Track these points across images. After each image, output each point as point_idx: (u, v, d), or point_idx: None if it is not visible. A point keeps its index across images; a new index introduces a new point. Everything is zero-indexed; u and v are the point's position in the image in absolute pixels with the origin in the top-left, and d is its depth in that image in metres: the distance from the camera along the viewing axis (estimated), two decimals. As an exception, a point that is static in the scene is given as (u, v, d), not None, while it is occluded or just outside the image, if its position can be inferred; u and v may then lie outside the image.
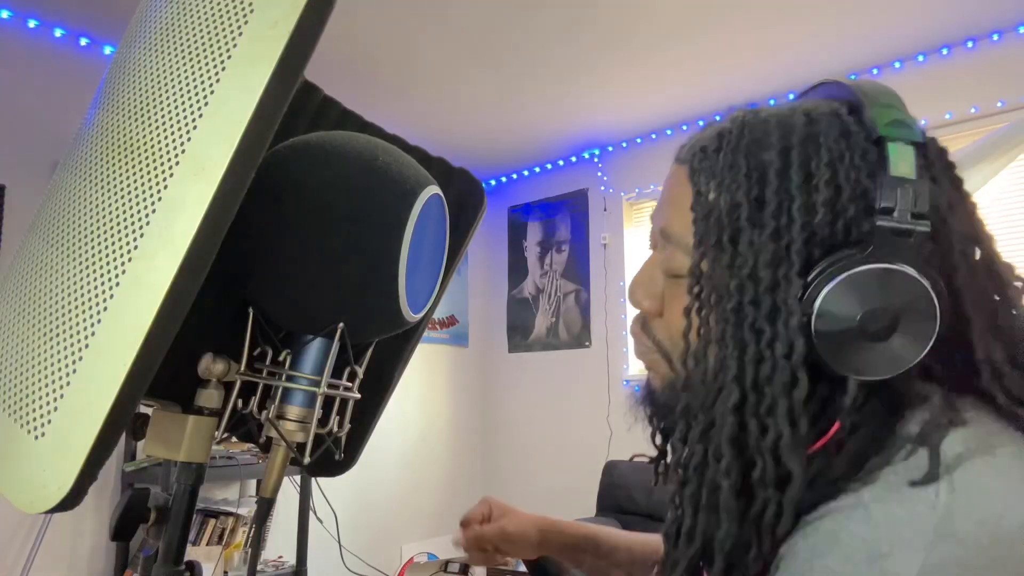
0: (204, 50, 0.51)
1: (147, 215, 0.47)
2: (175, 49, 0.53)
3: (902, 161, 0.44)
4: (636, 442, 0.64)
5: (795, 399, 0.43)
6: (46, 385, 0.47)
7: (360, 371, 0.74)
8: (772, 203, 0.45)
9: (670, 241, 0.53)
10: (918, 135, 0.45)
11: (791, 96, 0.56)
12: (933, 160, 0.47)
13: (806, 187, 0.45)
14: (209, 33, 0.51)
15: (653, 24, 2.69)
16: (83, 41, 2.76)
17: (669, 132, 3.68)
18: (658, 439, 0.59)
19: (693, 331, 0.48)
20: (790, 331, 0.43)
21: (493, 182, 4.50)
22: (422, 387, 4.06)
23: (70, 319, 0.48)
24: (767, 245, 0.45)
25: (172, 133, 0.49)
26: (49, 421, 0.46)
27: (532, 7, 2.57)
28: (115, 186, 0.51)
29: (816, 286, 0.44)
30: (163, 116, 0.50)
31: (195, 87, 0.50)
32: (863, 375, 0.43)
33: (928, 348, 0.43)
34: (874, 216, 0.43)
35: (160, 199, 0.47)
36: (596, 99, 3.35)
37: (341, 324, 0.66)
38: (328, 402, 0.72)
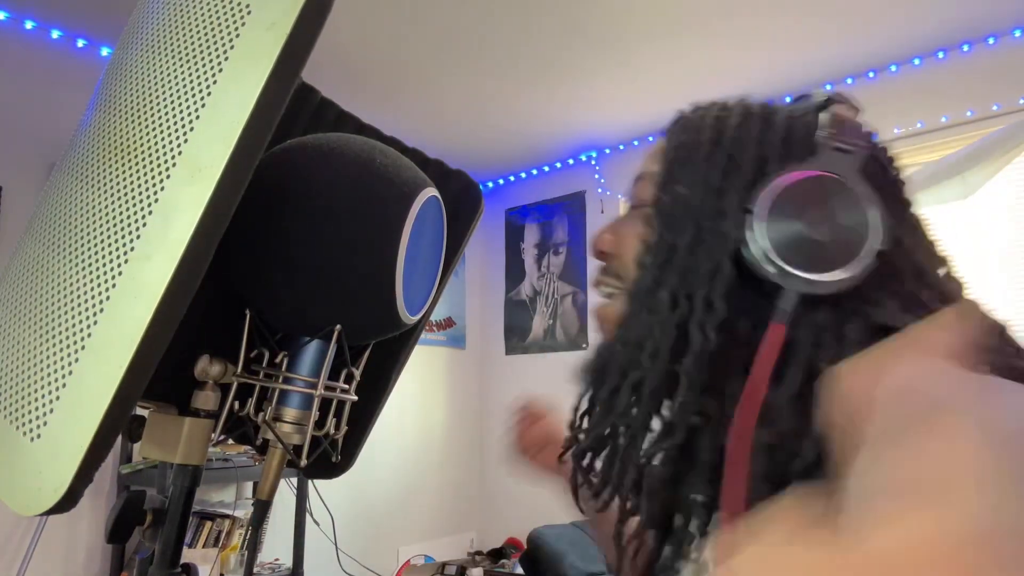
0: (201, 51, 0.51)
1: (144, 217, 0.47)
2: (172, 50, 0.53)
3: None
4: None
5: (716, 286, 0.46)
6: (42, 387, 0.47)
7: (357, 373, 0.74)
8: (729, 136, 0.50)
9: (640, 180, 0.55)
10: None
11: (787, 99, 0.56)
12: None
13: (760, 127, 0.49)
14: (206, 34, 0.51)
15: (650, 27, 2.69)
16: (80, 43, 2.76)
17: (666, 134, 3.69)
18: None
19: (639, 250, 0.51)
20: (726, 226, 0.46)
21: (490, 184, 4.51)
22: (419, 389, 4.06)
23: (66, 321, 0.48)
24: (719, 162, 0.49)
25: (169, 134, 0.49)
26: (45, 423, 0.46)
27: (529, 10, 2.57)
28: (112, 188, 0.50)
29: (757, 190, 0.46)
30: (160, 117, 0.50)
31: (192, 88, 0.50)
32: (804, 272, 0.43)
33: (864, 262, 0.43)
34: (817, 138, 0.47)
35: (157, 201, 0.47)
36: (593, 101, 3.35)
37: (338, 326, 0.66)
38: (325, 404, 0.72)
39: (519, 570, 3.20)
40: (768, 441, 0.42)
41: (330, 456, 0.77)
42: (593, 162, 4.01)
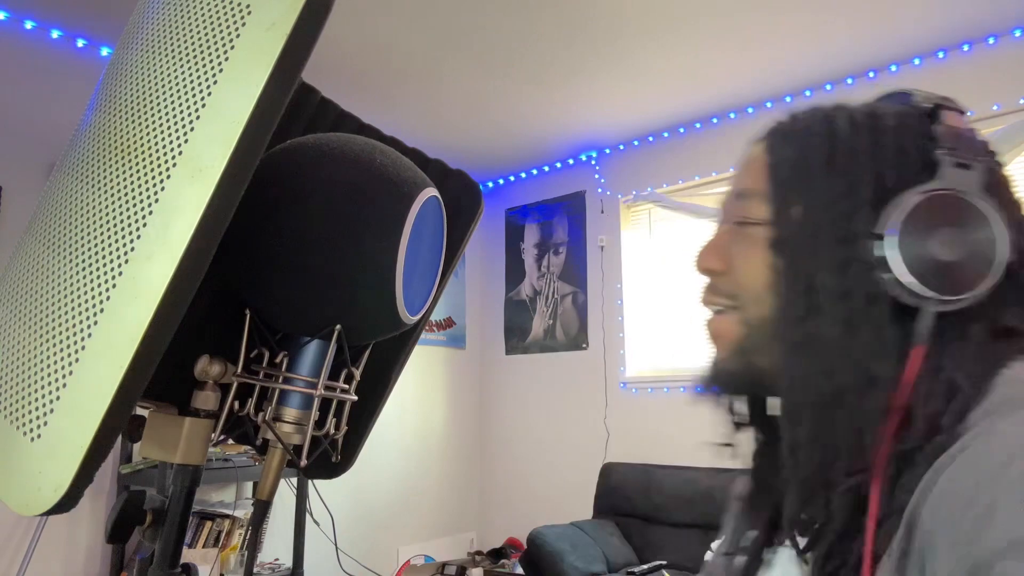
0: (201, 51, 0.51)
1: (144, 217, 0.47)
2: (172, 50, 0.53)
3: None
4: (633, 444, 0.64)
5: (873, 314, 0.46)
6: (42, 387, 0.47)
7: (357, 373, 0.74)
8: (842, 151, 0.49)
9: (745, 197, 0.55)
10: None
11: (788, 99, 0.56)
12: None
13: (872, 139, 0.49)
14: (206, 34, 0.51)
15: (650, 27, 2.69)
16: (80, 43, 2.76)
17: (666, 135, 3.69)
18: (735, 409, 0.59)
19: (768, 270, 0.51)
20: (861, 251, 0.46)
21: (490, 184, 4.51)
22: (419, 389, 4.06)
23: (67, 321, 0.48)
24: (838, 181, 0.48)
25: (169, 134, 0.49)
26: (45, 423, 0.46)
27: (530, 10, 2.57)
28: (112, 188, 0.50)
29: (886, 213, 0.46)
30: (160, 117, 0.50)
31: (192, 88, 0.50)
32: (940, 295, 0.44)
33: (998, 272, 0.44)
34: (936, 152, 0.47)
35: (157, 201, 0.47)
36: (593, 102, 3.35)
37: (338, 326, 0.66)
38: (325, 404, 0.72)
39: (519, 570, 3.20)
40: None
41: (330, 456, 0.77)
42: (593, 162, 4.01)
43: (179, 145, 0.48)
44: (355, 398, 0.75)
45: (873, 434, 0.44)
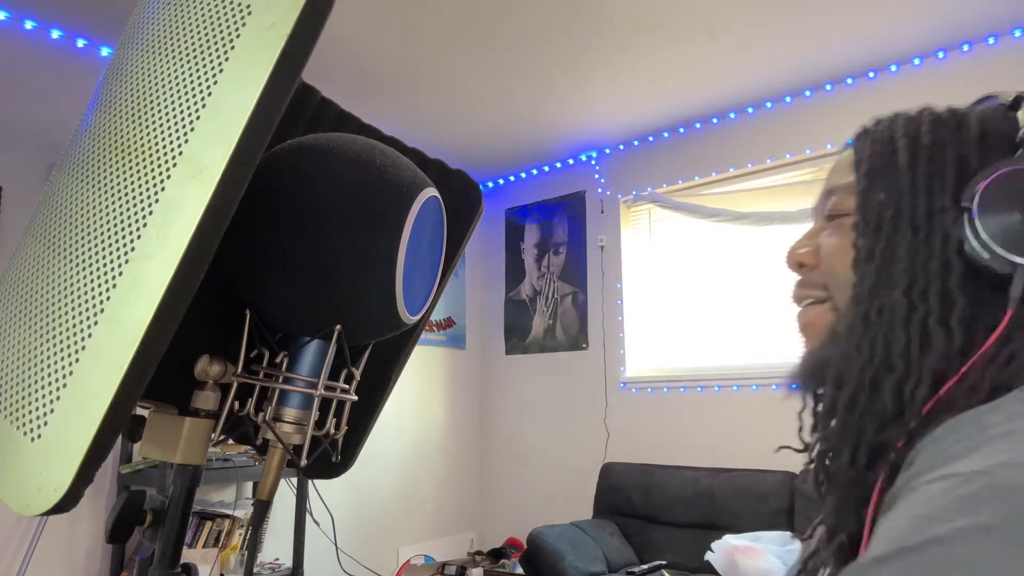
0: (201, 51, 0.51)
1: (144, 217, 0.47)
2: (172, 50, 0.53)
3: None
4: (633, 444, 0.64)
5: (948, 281, 0.46)
6: (42, 387, 0.47)
7: (357, 373, 0.74)
8: (926, 141, 0.50)
9: (834, 193, 0.56)
10: None
11: (788, 99, 0.56)
12: None
13: (955, 128, 0.50)
14: (206, 35, 0.51)
15: (650, 27, 2.69)
16: (80, 43, 2.76)
17: (666, 135, 3.69)
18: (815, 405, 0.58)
19: (856, 256, 0.51)
20: (944, 223, 0.47)
21: (491, 184, 4.51)
22: (419, 389, 4.06)
23: (67, 321, 0.48)
24: (922, 166, 0.49)
25: (169, 134, 0.49)
26: (45, 423, 0.46)
27: (530, 10, 2.57)
28: (112, 187, 0.50)
29: (968, 187, 0.47)
30: (160, 117, 0.50)
31: (193, 88, 0.50)
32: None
33: None
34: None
35: (157, 200, 0.47)
36: (593, 102, 3.35)
37: (338, 326, 0.66)
38: (325, 404, 0.72)
39: (519, 570, 3.20)
40: None
41: (330, 456, 0.77)
42: (593, 162, 4.01)
43: (179, 145, 0.48)
44: (355, 398, 0.75)
45: (917, 398, 0.45)
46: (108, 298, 0.47)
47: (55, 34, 2.70)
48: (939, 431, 0.41)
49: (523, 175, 4.36)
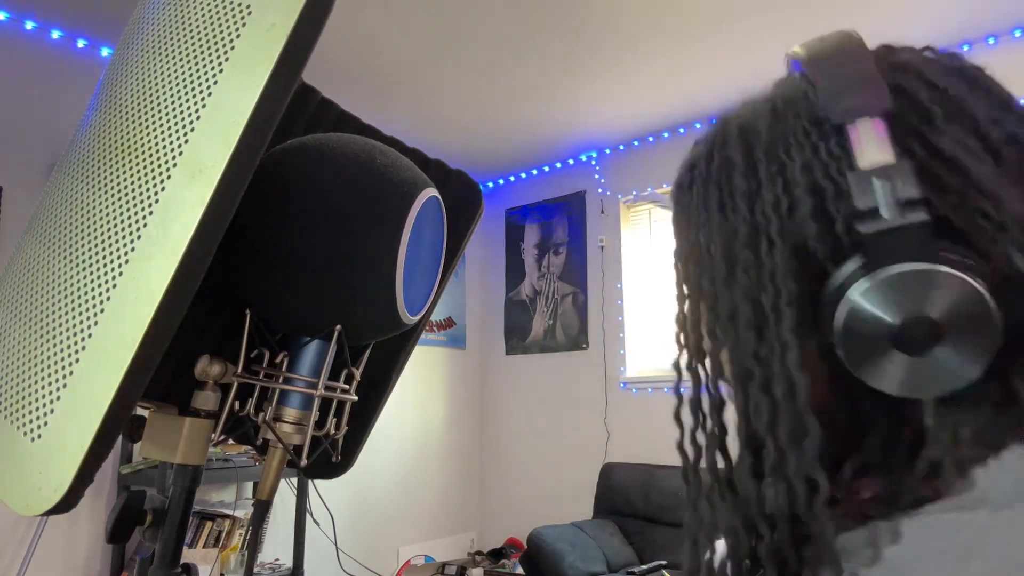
0: (202, 52, 0.51)
1: (144, 217, 0.47)
2: (173, 51, 0.53)
3: (868, 147, 0.37)
4: (633, 444, 0.64)
5: (807, 448, 0.36)
6: (43, 387, 0.47)
7: (357, 373, 0.74)
8: (742, 233, 0.40)
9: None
10: (880, 100, 0.38)
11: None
12: (918, 99, 0.39)
13: (780, 203, 0.39)
14: (207, 35, 0.51)
15: (651, 27, 2.69)
16: (80, 43, 2.76)
17: (666, 135, 3.69)
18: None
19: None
20: (788, 369, 0.37)
21: (491, 184, 4.51)
22: (419, 389, 4.06)
23: (67, 321, 0.48)
24: (746, 279, 0.39)
25: (170, 134, 0.49)
26: (45, 423, 0.46)
27: (530, 11, 2.57)
28: (112, 188, 0.50)
29: (821, 313, 0.38)
30: (161, 117, 0.50)
31: (193, 89, 0.50)
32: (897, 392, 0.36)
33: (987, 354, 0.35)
34: (862, 221, 0.36)
35: (158, 201, 0.47)
36: (593, 102, 3.35)
37: (338, 326, 0.66)
38: (325, 404, 0.72)
39: (519, 570, 3.20)
40: None
41: (330, 456, 0.77)
42: (593, 162, 4.01)
43: (180, 145, 0.48)
44: (355, 398, 0.75)
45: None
46: (108, 298, 0.47)
47: (55, 34, 2.70)
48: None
49: (523, 175, 4.36)
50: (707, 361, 0.42)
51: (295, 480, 3.10)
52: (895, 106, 0.38)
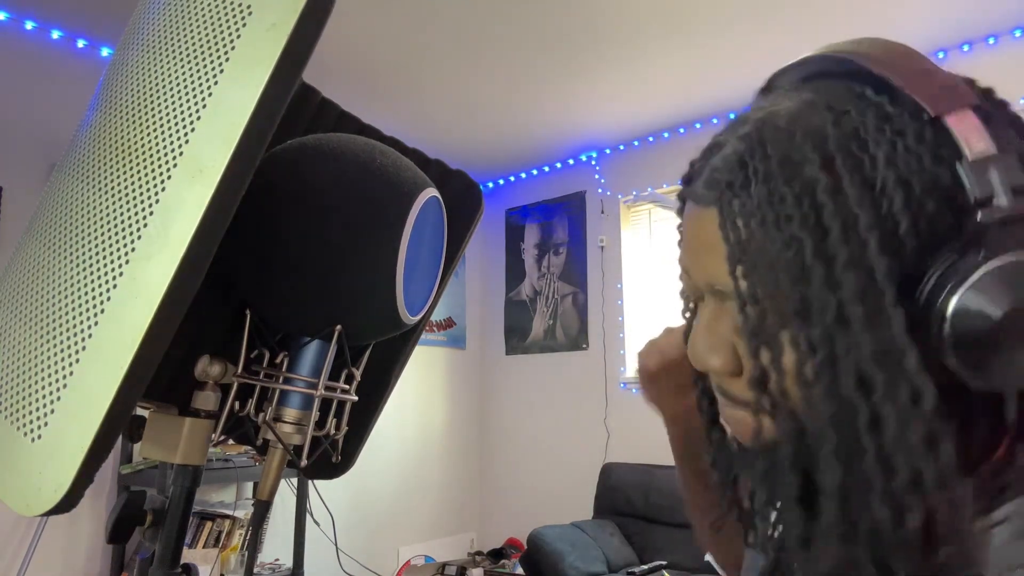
0: (202, 52, 0.51)
1: (145, 217, 0.47)
2: (173, 51, 0.53)
3: (973, 136, 0.37)
4: (633, 444, 0.63)
5: (943, 453, 0.35)
6: (43, 387, 0.47)
7: (357, 373, 0.74)
8: (835, 229, 0.37)
9: (728, 299, 0.43)
10: (971, 96, 0.39)
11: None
12: (992, 112, 0.39)
13: (870, 197, 0.37)
14: (207, 35, 0.51)
15: (651, 27, 2.69)
16: (80, 43, 2.76)
17: (666, 135, 3.69)
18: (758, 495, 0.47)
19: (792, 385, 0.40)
20: (907, 373, 0.36)
21: (491, 184, 4.51)
22: (420, 389, 4.06)
23: (67, 321, 0.48)
24: (846, 277, 0.37)
25: (170, 135, 0.49)
26: (46, 423, 0.46)
27: (530, 11, 2.57)
28: (113, 188, 0.50)
29: (935, 303, 0.36)
30: (161, 118, 0.50)
31: (193, 89, 0.50)
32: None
33: None
34: (969, 212, 0.36)
35: (158, 201, 0.47)
36: (593, 102, 3.35)
37: (339, 326, 0.66)
38: (325, 404, 0.72)
39: (519, 570, 3.20)
40: None
41: (330, 456, 0.77)
42: (593, 162, 4.01)
43: (180, 145, 0.48)
44: (355, 398, 0.75)
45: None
46: (108, 298, 0.46)
47: (55, 34, 2.70)
48: None
49: (523, 175, 4.36)
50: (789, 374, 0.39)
51: (295, 480, 3.10)
52: (979, 100, 0.39)
